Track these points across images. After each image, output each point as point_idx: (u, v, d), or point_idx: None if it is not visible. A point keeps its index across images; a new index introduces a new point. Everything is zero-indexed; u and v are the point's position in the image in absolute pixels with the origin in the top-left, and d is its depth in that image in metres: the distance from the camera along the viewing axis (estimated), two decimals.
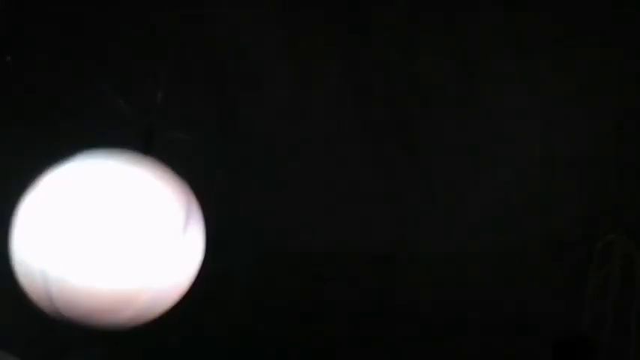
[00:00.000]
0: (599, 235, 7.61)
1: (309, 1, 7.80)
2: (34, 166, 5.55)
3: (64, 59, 7.64)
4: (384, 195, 8.05)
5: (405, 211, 8.05)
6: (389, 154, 8.01)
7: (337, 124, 8.04)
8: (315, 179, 8.07)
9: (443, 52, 7.66)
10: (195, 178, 5.95)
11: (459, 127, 7.83)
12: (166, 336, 7.55)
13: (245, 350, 8.17)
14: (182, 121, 7.14)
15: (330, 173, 8.07)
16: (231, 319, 8.16)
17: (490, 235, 7.84)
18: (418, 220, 8.04)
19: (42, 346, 7.73)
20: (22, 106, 7.73)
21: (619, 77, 7.26)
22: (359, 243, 8.14)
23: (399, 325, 8.09)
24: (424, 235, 8.02)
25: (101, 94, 6.99)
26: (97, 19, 7.70)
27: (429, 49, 7.67)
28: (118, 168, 5.38)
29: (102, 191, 5.21)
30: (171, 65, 6.85)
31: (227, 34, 7.87)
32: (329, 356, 8.21)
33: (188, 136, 6.99)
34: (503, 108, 7.66)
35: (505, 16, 7.42)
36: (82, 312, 5.22)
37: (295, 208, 8.14)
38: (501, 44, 7.47)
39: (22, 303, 5.62)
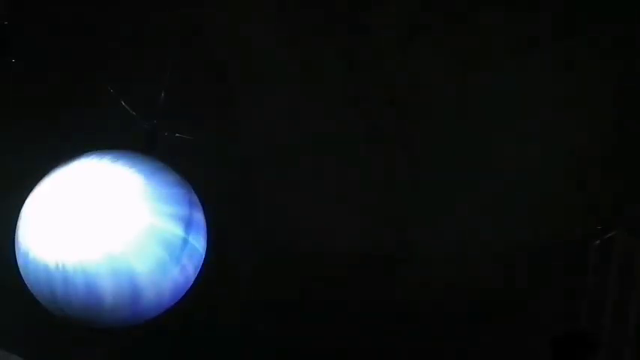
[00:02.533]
0: (599, 233, 7.63)
1: (309, 2, 7.82)
2: (36, 166, 5.58)
3: (66, 60, 7.65)
4: (384, 195, 8.07)
5: (406, 211, 8.06)
6: (389, 154, 8.03)
7: (337, 124, 8.05)
8: (315, 179, 8.08)
9: (443, 52, 7.68)
10: (196, 178, 5.97)
11: (459, 127, 7.84)
12: (168, 334, 7.56)
13: (245, 349, 8.17)
14: (184, 121, 7.15)
15: (330, 173, 8.09)
16: (231, 318, 8.17)
17: (490, 235, 7.85)
18: (418, 220, 8.05)
19: (46, 345, 7.73)
20: (25, 107, 7.74)
21: (619, 77, 7.29)
22: (359, 243, 8.15)
23: (399, 324, 8.10)
24: (424, 235, 8.02)
25: (103, 95, 6.99)
26: (98, 19, 7.71)
27: (429, 49, 7.69)
28: (121, 167, 5.41)
29: (105, 190, 5.24)
30: (173, 66, 6.88)
31: (228, 35, 7.89)
32: (329, 355, 8.21)
33: (189, 136, 7.02)
34: (503, 108, 7.68)
35: (505, 16, 7.45)
36: (86, 310, 5.24)
37: (295, 207, 8.15)
38: (501, 44, 7.50)
39: (26, 302, 5.63)
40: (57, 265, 5.10)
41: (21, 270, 5.43)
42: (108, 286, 5.15)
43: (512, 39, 7.38)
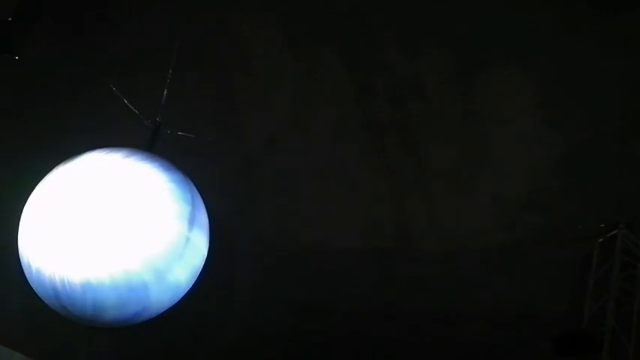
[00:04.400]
0: (600, 230, 7.65)
1: (309, 3, 7.86)
2: (42, 163, 5.57)
3: (73, 60, 7.68)
4: (384, 193, 8.08)
5: (406, 210, 8.08)
6: (389, 154, 8.04)
7: (338, 123, 8.08)
8: (316, 178, 8.10)
9: (443, 52, 7.72)
10: (198, 176, 5.98)
11: (459, 126, 7.87)
12: (171, 332, 7.57)
13: (246, 345, 8.19)
14: (186, 120, 7.18)
15: (331, 172, 8.11)
16: (233, 314, 8.18)
17: (491, 232, 7.87)
18: (419, 218, 8.07)
19: (48, 343, 7.74)
20: (32, 105, 7.76)
21: (619, 76, 7.32)
22: (360, 240, 8.16)
23: (400, 320, 8.12)
24: (425, 232, 8.04)
25: (108, 93, 7.02)
26: (103, 20, 7.75)
27: (429, 49, 7.73)
28: (124, 165, 5.38)
29: (108, 187, 5.20)
30: (176, 66, 6.90)
31: (229, 36, 7.92)
32: (331, 351, 8.22)
33: (192, 134, 7.04)
34: (503, 107, 7.71)
35: (505, 16, 7.50)
36: (89, 308, 5.22)
37: (296, 206, 8.17)
38: (501, 44, 7.54)
39: (28, 300, 5.63)
40: (63, 283, 5.03)
41: (25, 274, 5.37)
42: (117, 301, 5.12)
43: (512, 39, 7.44)
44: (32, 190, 5.39)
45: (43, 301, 5.44)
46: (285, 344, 8.19)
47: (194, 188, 5.79)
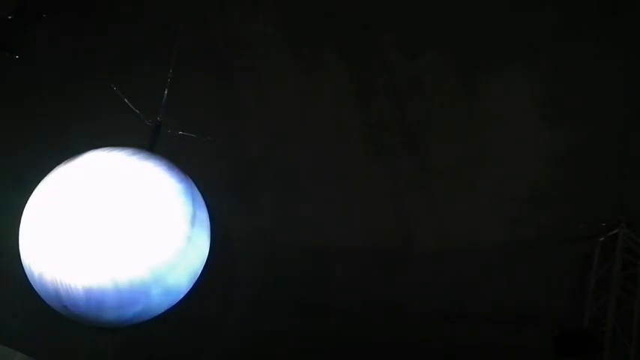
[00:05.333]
0: (601, 230, 7.65)
1: (309, 3, 7.86)
2: (42, 162, 5.57)
3: (73, 60, 7.69)
4: (385, 193, 8.08)
5: (407, 209, 8.08)
6: (389, 154, 8.05)
7: (338, 123, 8.08)
8: (316, 178, 8.10)
9: (443, 52, 7.72)
10: (198, 176, 5.98)
11: (459, 126, 7.87)
12: (172, 332, 7.57)
13: (246, 345, 8.19)
14: (186, 120, 7.17)
15: (331, 172, 8.11)
16: (233, 314, 8.18)
17: (492, 232, 7.87)
18: (420, 218, 8.06)
19: (50, 342, 7.74)
20: (32, 105, 7.76)
21: (619, 76, 7.32)
22: (361, 240, 8.16)
23: (401, 320, 8.12)
24: (425, 232, 8.04)
25: (108, 93, 7.01)
26: (103, 20, 7.76)
27: (429, 49, 7.73)
28: (126, 165, 5.38)
29: (110, 187, 5.19)
30: (176, 66, 6.89)
31: (229, 36, 7.93)
32: (331, 351, 8.22)
33: (192, 134, 7.03)
34: (504, 107, 7.70)
35: (505, 16, 7.50)
36: (91, 308, 5.21)
37: (297, 206, 8.17)
38: (501, 44, 7.55)
39: (30, 300, 5.63)
40: (65, 286, 5.02)
41: (27, 277, 5.35)
42: (119, 302, 5.12)
43: (512, 39, 7.43)
44: (33, 190, 5.38)
45: (44, 302, 5.44)
46: (286, 344, 8.18)
47: (195, 188, 5.79)
